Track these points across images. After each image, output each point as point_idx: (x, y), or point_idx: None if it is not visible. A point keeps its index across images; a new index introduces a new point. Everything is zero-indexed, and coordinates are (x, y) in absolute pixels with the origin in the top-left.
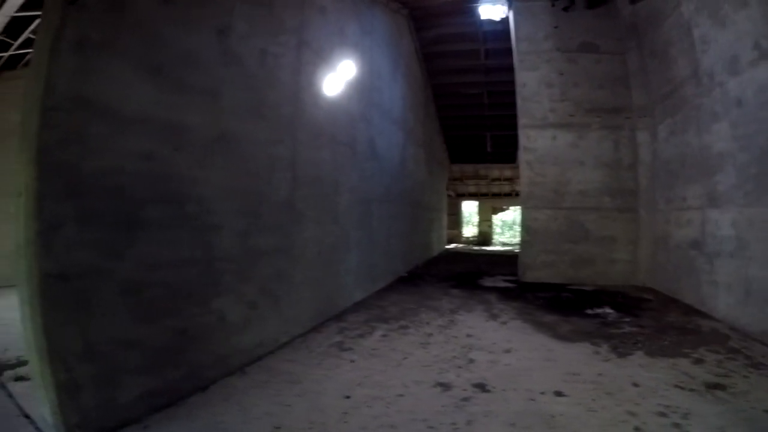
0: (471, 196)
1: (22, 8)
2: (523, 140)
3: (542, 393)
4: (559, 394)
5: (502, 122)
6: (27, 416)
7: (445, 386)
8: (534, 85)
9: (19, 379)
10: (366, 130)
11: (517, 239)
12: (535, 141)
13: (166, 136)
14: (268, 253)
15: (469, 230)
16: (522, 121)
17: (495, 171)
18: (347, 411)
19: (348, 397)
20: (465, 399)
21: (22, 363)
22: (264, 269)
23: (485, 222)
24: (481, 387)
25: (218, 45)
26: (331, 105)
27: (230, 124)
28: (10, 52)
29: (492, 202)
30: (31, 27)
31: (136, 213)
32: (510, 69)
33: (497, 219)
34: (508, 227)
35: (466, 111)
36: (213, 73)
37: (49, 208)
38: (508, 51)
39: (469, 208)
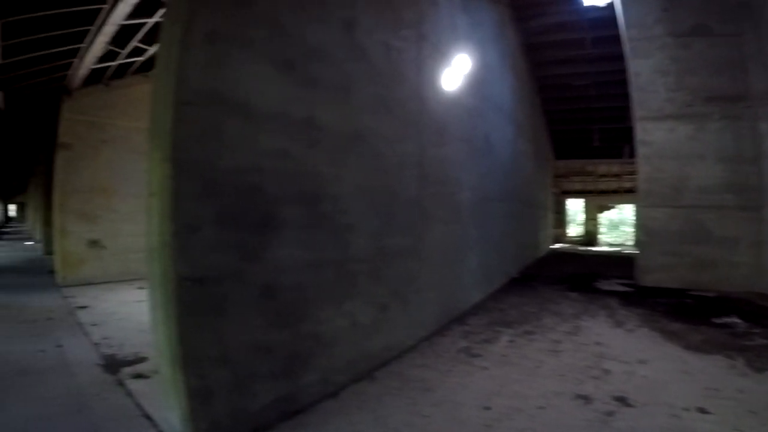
0: (576, 194)
1: (130, 16)
2: (639, 133)
3: (685, 409)
4: (702, 411)
5: (610, 115)
6: (148, 417)
7: (586, 399)
8: (648, 73)
9: (138, 376)
10: (481, 126)
11: (622, 239)
12: (652, 134)
13: (301, 133)
14: (399, 254)
15: (574, 229)
16: (638, 113)
17: (602, 167)
18: (489, 423)
19: (488, 408)
20: (608, 413)
21: (139, 359)
22: (395, 270)
23: (591, 221)
24: (623, 400)
25: (345, 39)
26: (450, 100)
27: (361, 120)
28: (119, 61)
29: (598, 199)
30: (139, 35)
31: (273, 213)
32: (618, 57)
33: (602, 218)
34: (614, 226)
35: (571, 104)
36: (342, 68)
37: (186, 208)
38: (615, 38)
39: (574, 207)
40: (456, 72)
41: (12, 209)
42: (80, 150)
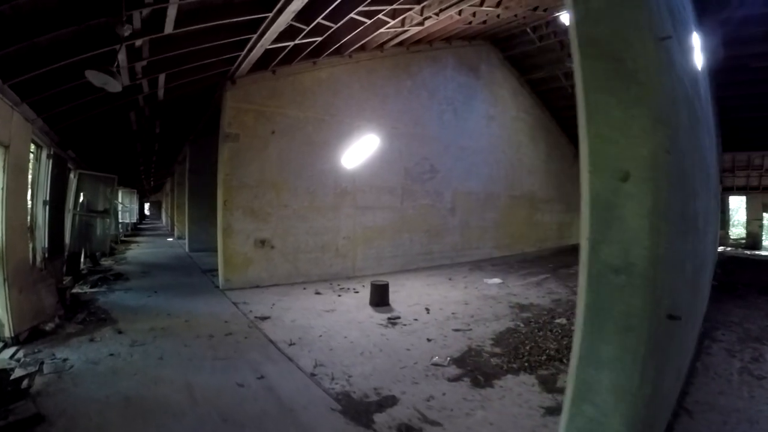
0: (738, 190)
1: None
2: None
3: None
4: None
5: None
6: None
7: None
8: None
9: (407, 430)
10: (706, 109)
11: None
12: None
13: None
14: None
15: (733, 231)
16: None
17: None
18: None
19: None
20: None
21: (387, 400)
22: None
23: (755, 221)
24: None
25: None
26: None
27: None
28: (297, 41)
29: (762, 197)
30: (330, 7)
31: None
32: None
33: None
34: None
35: (745, 89)
36: None
37: None
38: None
39: (734, 205)
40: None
41: (146, 207)
42: (247, 141)
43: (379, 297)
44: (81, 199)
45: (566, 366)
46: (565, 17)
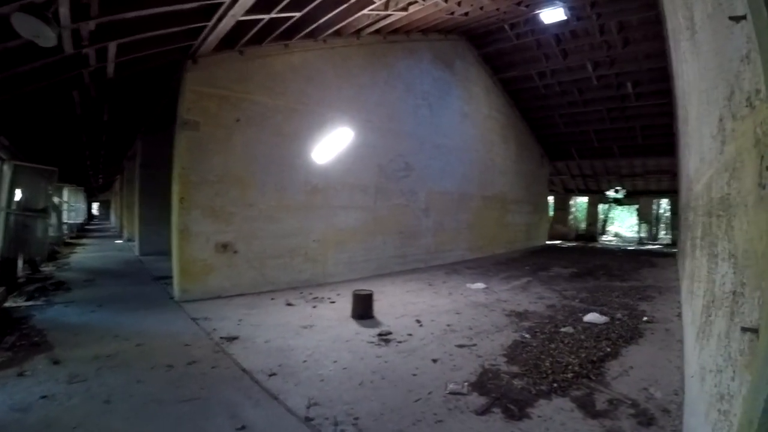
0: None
1: None
2: None
3: None
4: None
5: None
6: None
7: None
8: None
9: None
10: None
11: None
12: None
13: None
14: None
15: None
16: None
17: None
18: None
19: None
20: None
21: None
22: None
23: None
24: None
25: None
26: None
27: None
28: (272, 15)
29: None
30: None
31: None
32: None
33: None
34: None
35: None
36: None
37: None
38: None
39: None
40: None
41: (94, 207)
42: (209, 130)
43: (363, 309)
44: (17, 195)
45: (596, 383)
46: (545, 15)
